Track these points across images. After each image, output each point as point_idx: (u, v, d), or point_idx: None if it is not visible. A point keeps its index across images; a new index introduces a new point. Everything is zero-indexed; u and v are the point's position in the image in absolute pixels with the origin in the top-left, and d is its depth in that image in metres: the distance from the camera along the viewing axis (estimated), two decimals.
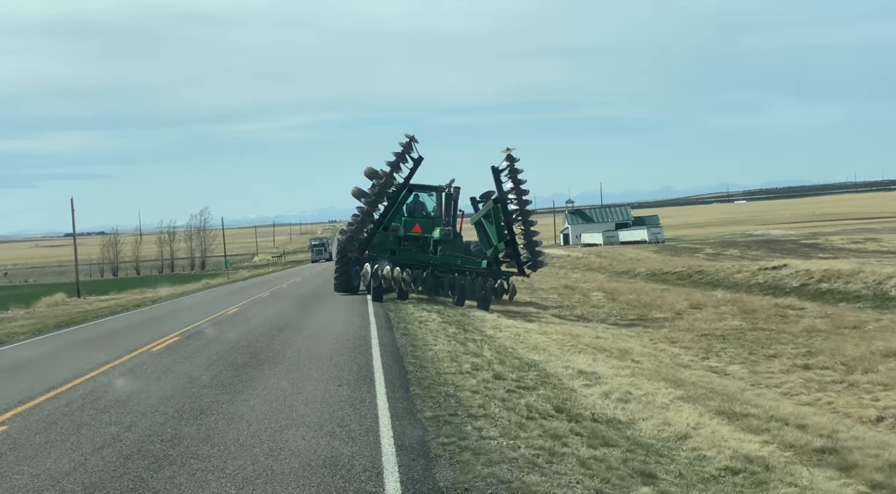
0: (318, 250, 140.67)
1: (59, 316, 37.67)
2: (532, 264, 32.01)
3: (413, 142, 31.23)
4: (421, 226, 32.86)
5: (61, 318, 35.37)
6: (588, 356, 18.45)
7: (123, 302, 50.98)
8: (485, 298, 29.20)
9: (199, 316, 27.99)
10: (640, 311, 32.57)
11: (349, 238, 31.66)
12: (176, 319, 27.93)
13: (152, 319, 29.75)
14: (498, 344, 19.12)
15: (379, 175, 31.27)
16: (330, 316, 25.23)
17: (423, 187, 33.49)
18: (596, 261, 74.34)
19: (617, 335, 24.99)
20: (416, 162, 31.39)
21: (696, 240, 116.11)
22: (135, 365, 16.20)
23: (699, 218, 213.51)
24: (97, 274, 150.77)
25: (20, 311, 49.42)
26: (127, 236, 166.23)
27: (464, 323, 23.15)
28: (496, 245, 31.12)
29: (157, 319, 29.55)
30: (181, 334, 21.74)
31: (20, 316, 45.19)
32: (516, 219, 31.40)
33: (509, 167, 30.96)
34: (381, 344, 17.79)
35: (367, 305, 29.08)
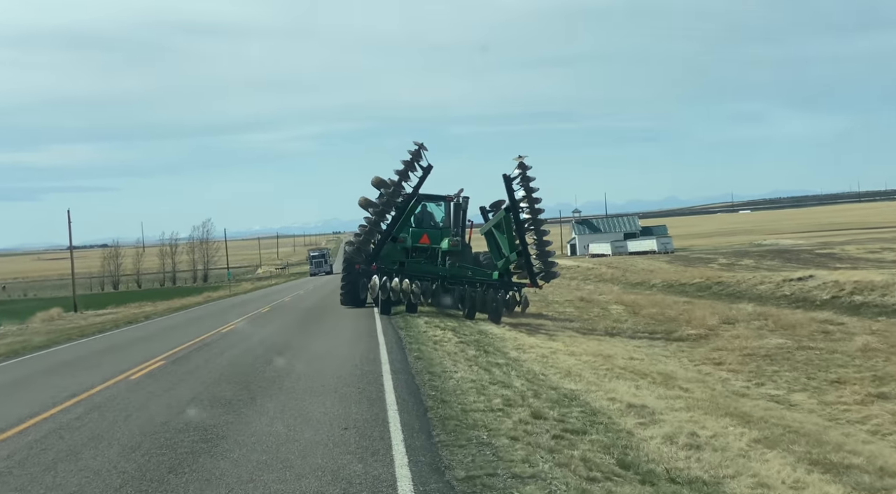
0: (317, 262, 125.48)
1: (49, 333, 35.40)
2: (545, 275, 30.44)
3: (422, 149, 29.57)
4: (429, 236, 31.42)
5: (50, 335, 33.12)
6: (629, 383, 16.01)
7: (119, 317, 48.76)
8: (496, 311, 27.91)
9: (191, 335, 25.58)
10: (667, 326, 30.10)
11: (356, 249, 30.15)
12: (166, 339, 25.53)
13: (141, 339, 27.35)
14: (525, 368, 16.69)
15: (387, 184, 29.64)
16: (334, 335, 22.79)
17: (432, 197, 32.02)
18: (608, 272, 71.87)
19: (651, 355, 22.55)
20: (426, 170, 29.74)
21: (706, 249, 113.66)
22: (105, 399, 13.78)
23: (705, 228, 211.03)
24: (98, 288, 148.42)
25: (12, 327, 47.32)
26: (128, 249, 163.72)
27: (483, 343, 20.71)
28: (507, 255, 29.61)
29: (146, 339, 27.15)
30: (167, 357, 19.32)
31: (10, 332, 42.97)
32: (528, 229, 29.92)
33: (521, 174, 29.38)
34: (394, 371, 15.36)
35: (375, 321, 26.73)
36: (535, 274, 29.78)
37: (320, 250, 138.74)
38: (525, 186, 29.34)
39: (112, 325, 35.69)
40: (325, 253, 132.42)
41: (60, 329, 40.69)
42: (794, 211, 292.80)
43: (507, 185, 29.32)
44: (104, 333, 31.48)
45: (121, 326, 35.00)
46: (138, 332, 30.67)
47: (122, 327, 34.80)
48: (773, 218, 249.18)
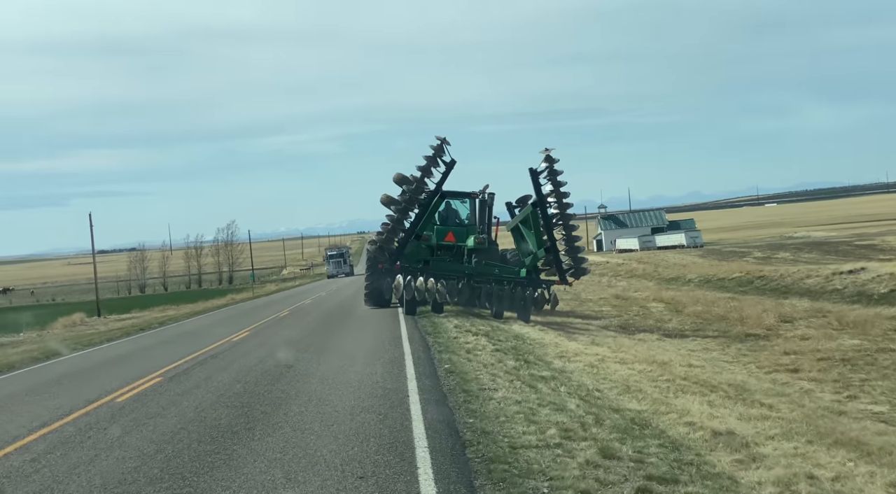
0: (335, 262, 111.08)
1: (65, 340, 33.40)
2: (575, 271, 29.07)
3: (444, 144, 28.07)
4: (454, 234, 30.18)
5: (65, 342, 31.07)
6: (697, 398, 13.42)
7: (138, 322, 46.95)
8: (525, 309, 26.74)
9: (201, 344, 23.20)
10: (718, 326, 27.40)
11: (379, 248, 28.81)
12: (173, 348, 23.17)
13: (149, 348, 25.01)
14: (575, 382, 14.12)
15: (409, 180, 28.17)
16: (354, 343, 20.29)
17: (456, 194, 30.56)
18: (639, 268, 68.91)
19: (710, 360, 19.88)
20: (449, 165, 28.25)
21: (737, 243, 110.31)
22: (76, 431, 11.35)
23: (732, 221, 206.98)
24: (125, 291, 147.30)
25: (32, 334, 45.63)
26: (154, 252, 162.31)
27: (522, 350, 18.15)
28: (535, 252, 27.95)
29: (153, 348, 24.81)
30: (167, 372, 16.91)
31: (27, 339, 41.06)
32: (557, 224, 28.45)
33: (548, 168, 27.88)
34: (422, 390, 12.83)
35: (400, 324, 24.28)
36: (565, 271, 28.48)
37: (339, 248, 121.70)
38: (552, 180, 27.98)
39: (125, 333, 33.46)
40: (343, 251, 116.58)
41: (75, 336, 38.77)
42: (821, 203, 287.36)
43: (533, 179, 28.01)
44: (113, 342, 29.23)
45: (132, 334, 32.73)
46: (149, 340, 28.38)
47: (135, 334, 32.57)
48: (801, 210, 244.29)
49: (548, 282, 27.87)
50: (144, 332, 33.47)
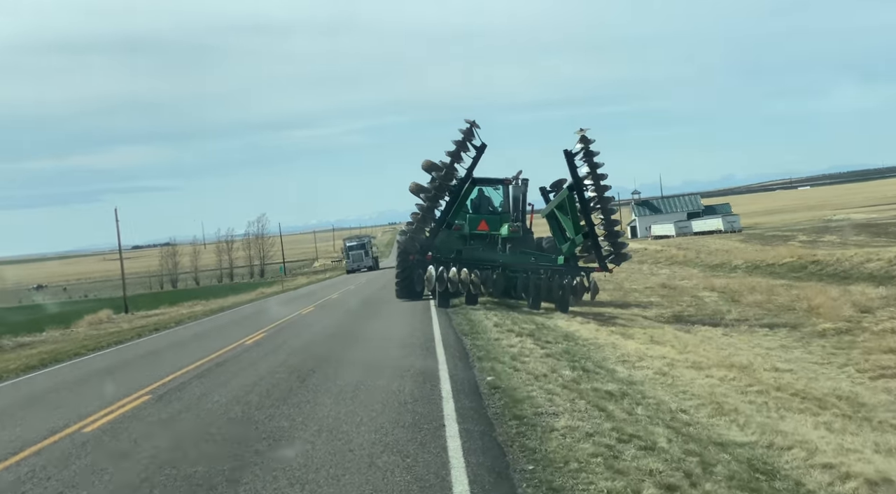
0: (355, 254, 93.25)
1: (84, 341, 31.50)
2: (615, 258, 27.09)
3: (474, 127, 26.29)
4: (487, 223, 28.87)
5: (84, 343, 29.18)
6: (809, 419, 10.53)
7: (163, 319, 44.91)
8: (563, 299, 25.39)
9: (211, 348, 20.49)
10: (786, 318, 24.29)
11: (409, 238, 27.20)
12: (179, 354, 20.50)
13: (152, 353, 22.32)
14: (652, 399, 11.22)
15: (438, 167, 26.52)
16: (379, 348, 17.46)
17: (488, 181, 29.13)
18: (679, 254, 65.56)
19: (794, 361, 16.81)
20: (479, 150, 26.58)
21: (776, 226, 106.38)
22: (24, 475, 8.65)
23: (767, 205, 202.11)
24: (157, 287, 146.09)
25: (56, 333, 43.72)
26: (186, 247, 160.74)
27: (576, 354, 15.24)
28: (573, 238, 26.34)
29: (158, 353, 22.10)
30: (157, 389, 14.17)
31: (50, 339, 39.02)
32: (595, 208, 26.50)
33: (584, 149, 25.83)
34: (461, 416, 9.97)
35: (432, 324, 21.48)
36: (605, 257, 26.64)
37: (360, 239, 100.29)
38: (589, 162, 25.96)
39: (137, 334, 30.98)
40: (365, 242, 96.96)
41: (95, 336, 36.71)
42: (855, 185, 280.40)
43: (568, 162, 26.07)
44: (123, 344, 26.75)
45: (144, 335, 30.19)
46: (159, 342, 25.80)
47: (147, 335, 30.05)
48: (836, 193, 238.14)
49: (587, 270, 26.35)
50: (159, 332, 30.94)
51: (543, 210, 29.41)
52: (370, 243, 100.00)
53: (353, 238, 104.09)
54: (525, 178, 29.70)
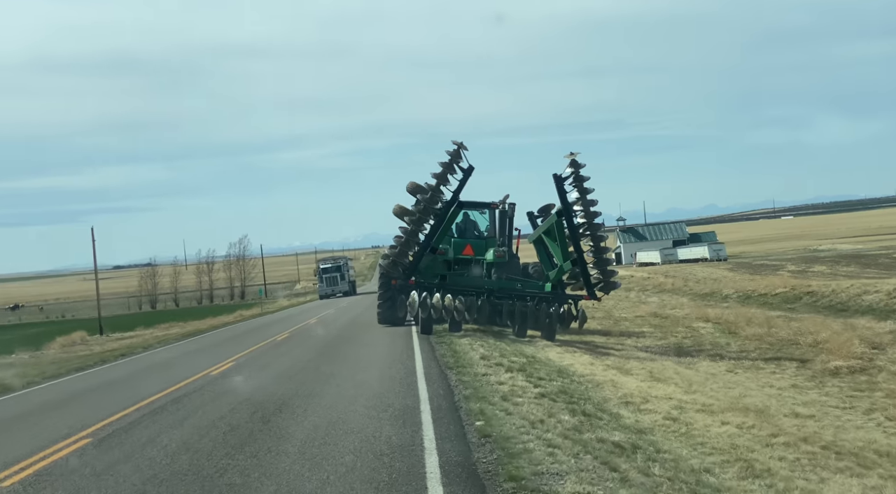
0: (329, 278, 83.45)
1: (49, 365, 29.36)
2: (604, 285, 26.00)
3: (462, 149, 25.07)
4: (473, 247, 27.70)
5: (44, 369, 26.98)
6: (855, 482, 8.94)
7: (137, 342, 43.10)
8: (550, 327, 24.50)
9: (171, 379, 18.75)
10: (789, 353, 22.77)
11: (392, 262, 26.04)
12: (135, 386, 18.76)
13: (109, 384, 20.48)
14: (669, 454, 9.63)
15: (424, 189, 25.50)
16: (355, 383, 15.78)
17: (475, 204, 27.90)
18: (667, 282, 64.18)
19: (815, 405, 15.23)
20: (466, 172, 25.36)
21: (763, 256, 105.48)
22: None
23: (751, 234, 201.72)
24: (136, 307, 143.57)
25: (25, 355, 41.73)
26: (166, 267, 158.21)
27: (573, 393, 13.63)
28: (561, 264, 25.50)
29: (115, 383, 20.29)
30: (101, 430, 12.46)
31: (18, 362, 37.05)
32: (584, 234, 25.44)
33: (574, 174, 24.86)
34: (446, 474, 8.34)
35: (414, 354, 19.87)
36: (593, 285, 25.58)
37: (335, 260, 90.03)
38: (578, 187, 24.90)
39: (102, 360, 29.21)
40: (341, 264, 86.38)
41: (63, 359, 34.80)
42: (838, 216, 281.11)
43: (558, 186, 24.94)
44: (85, 370, 25.02)
45: (109, 361, 28.40)
46: (121, 371, 24.05)
47: (113, 361, 28.28)
48: (819, 223, 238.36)
49: (574, 297, 25.55)
50: (126, 358, 29.14)
51: (531, 235, 28.31)
52: (347, 265, 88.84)
53: (328, 259, 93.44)
54: (512, 203, 28.79)
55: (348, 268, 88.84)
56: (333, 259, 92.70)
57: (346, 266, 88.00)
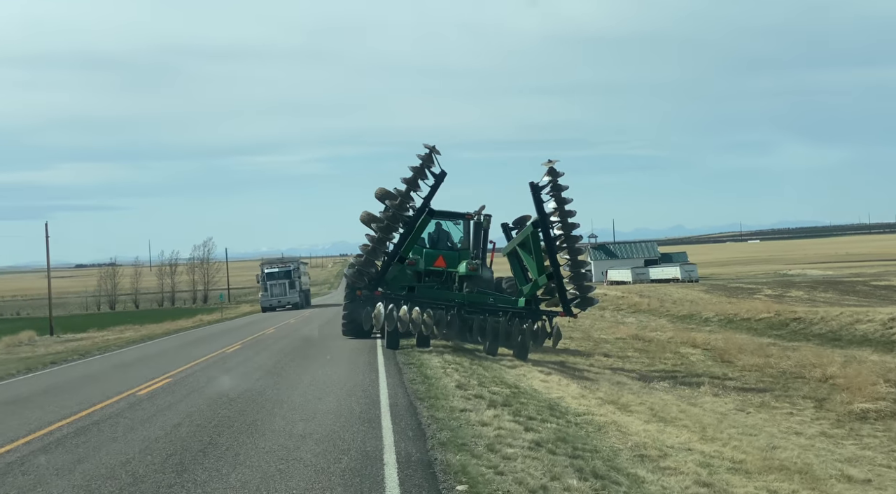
0: (276, 285, 68.78)
1: None
2: (581, 302, 24.46)
3: (434, 153, 23.45)
4: (445, 259, 26.00)
5: None
6: None
7: (84, 345, 40.69)
8: (523, 345, 22.94)
9: (95, 396, 15.85)
10: (798, 390, 20.22)
11: (357, 272, 24.41)
12: (53, 400, 15.81)
13: (30, 397, 17.46)
14: None
15: (393, 195, 23.89)
16: (306, 411, 12.92)
17: (448, 214, 26.33)
18: (642, 302, 61.81)
19: (857, 462, 12.64)
20: (438, 178, 23.81)
21: (732, 278, 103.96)
22: None
23: (718, 256, 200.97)
24: (94, 307, 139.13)
25: None
26: (127, 268, 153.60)
27: (573, 441, 10.89)
28: (536, 279, 23.76)
29: (36, 396, 17.22)
30: None
31: None
32: (561, 247, 23.91)
33: (552, 183, 23.26)
34: None
35: (379, 376, 17.16)
36: (569, 301, 24.02)
37: (283, 264, 73.12)
38: (556, 197, 23.41)
39: (41, 363, 26.15)
40: (291, 268, 70.25)
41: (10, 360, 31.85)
42: (804, 241, 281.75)
43: (534, 195, 23.34)
44: (14, 378, 21.95)
45: (40, 368, 25.28)
46: (46, 381, 20.98)
47: (44, 369, 25.23)
48: (785, 248, 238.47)
49: (549, 314, 23.98)
50: (55, 366, 26.01)
51: (505, 247, 26.64)
52: (299, 271, 71.83)
53: (275, 262, 74.73)
54: (488, 214, 27.06)
55: (300, 274, 72.47)
56: (283, 262, 75.14)
57: (298, 271, 71.47)
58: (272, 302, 67.99)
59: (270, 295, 68.56)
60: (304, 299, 72.44)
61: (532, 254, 23.75)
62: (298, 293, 69.49)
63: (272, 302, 67.99)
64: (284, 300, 68.02)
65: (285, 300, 68.04)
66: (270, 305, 67.85)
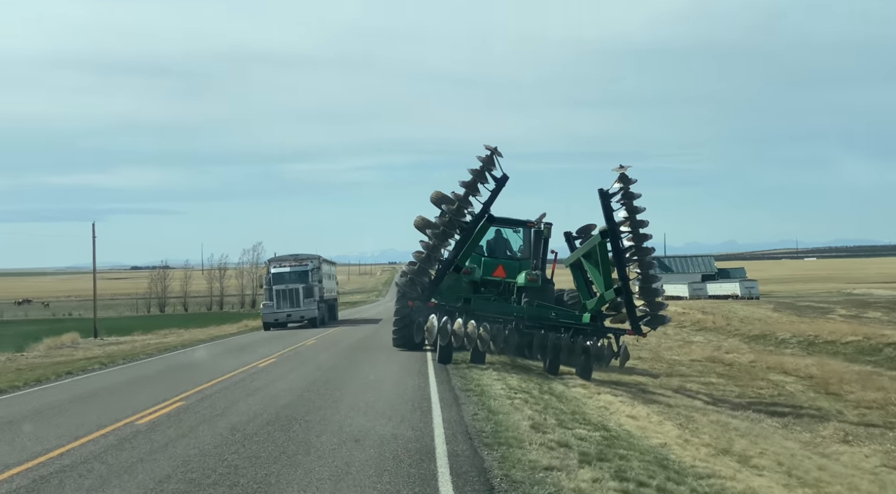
0: (285, 292, 48.98)
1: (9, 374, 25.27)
2: (651, 320, 22.35)
3: (495, 155, 21.59)
4: (505, 268, 24.73)
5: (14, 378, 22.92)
6: None
7: (123, 349, 37.89)
8: (586, 364, 21.50)
9: (108, 415, 12.93)
10: None
11: (409, 281, 22.74)
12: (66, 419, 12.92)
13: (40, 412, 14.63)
14: None
15: (450, 200, 22.16)
16: (333, 470, 9.73)
17: (508, 221, 24.89)
18: (707, 319, 57.81)
19: None
20: (500, 182, 22.03)
21: (793, 296, 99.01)
22: None
23: (775, 273, 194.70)
24: (144, 309, 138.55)
25: (2, 357, 36.89)
26: (178, 271, 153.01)
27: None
28: (602, 293, 22.06)
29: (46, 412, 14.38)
30: None
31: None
32: (630, 259, 21.96)
33: (623, 190, 21.24)
34: None
35: (431, 408, 13.96)
36: (639, 318, 22.10)
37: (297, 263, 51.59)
38: (628, 205, 21.44)
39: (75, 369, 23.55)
40: (308, 270, 50.91)
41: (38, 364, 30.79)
42: (863, 260, 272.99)
43: (603, 203, 21.42)
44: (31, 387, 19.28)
45: (67, 376, 22.63)
46: (67, 393, 18.20)
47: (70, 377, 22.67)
48: (845, 266, 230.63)
49: (616, 331, 22.32)
50: (72, 377, 23.30)
51: (567, 258, 24.88)
52: (320, 271, 51.97)
53: (287, 259, 51.83)
54: (549, 223, 25.16)
55: (322, 277, 52.23)
56: (297, 259, 51.54)
57: (319, 272, 51.35)
58: (278, 317, 48.25)
59: (276, 305, 48.45)
60: (327, 311, 53.98)
61: (598, 266, 22.02)
62: (317, 303, 49.75)
63: (278, 317, 48.25)
64: (297, 313, 48.45)
65: (298, 313, 48.47)
66: (276, 320, 48.30)
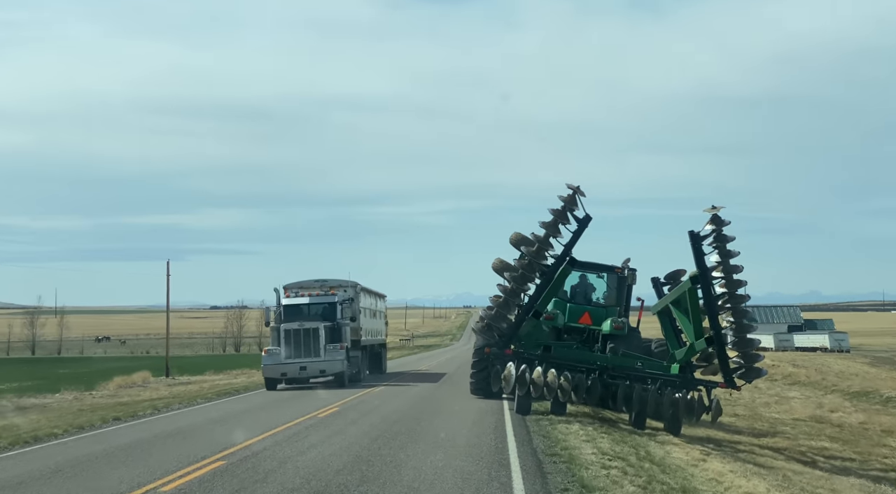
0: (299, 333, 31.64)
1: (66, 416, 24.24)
2: (745, 372, 21.50)
3: (578, 194, 20.73)
4: (591, 315, 23.67)
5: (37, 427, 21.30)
6: None
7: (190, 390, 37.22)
8: (675, 418, 20.57)
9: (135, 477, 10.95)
10: None
11: (487, 326, 22.08)
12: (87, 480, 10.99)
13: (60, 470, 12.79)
14: None
15: (530, 241, 21.30)
16: None
17: (591, 266, 24.37)
18: (799, 373, 54.12)
19: None
20: (582, 222, 21.09)
21: (886, 350, 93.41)
22: None
23: (863, 325, 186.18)
24: (219, 349, 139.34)
25: (70, 395, 36.27)
26: (254, 311, 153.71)
27: None
28: (692, 342, 21.23)
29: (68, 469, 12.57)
30: None
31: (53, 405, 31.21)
32: (723, 307, 21.08)
33: (715, 232, 20.36)
34: None
35: (511, 467, 11.75)
36: (732, 370, 21.29)
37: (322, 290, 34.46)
38: (720, 249, 20.57)
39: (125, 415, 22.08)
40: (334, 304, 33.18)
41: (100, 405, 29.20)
42: None
43: (694, 246, 20.49)
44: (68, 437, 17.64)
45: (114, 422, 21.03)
46: (103, 445, 16.48)
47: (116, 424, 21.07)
48: None
49: (707, 384, 21.41)
50: (120, 423, 21.69)
51: (655, 306, 24.12)
52: (353, 305, 35.02)
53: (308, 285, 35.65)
54: (633, 268, 24.63)
55: (356, 312, 35.79)
56: (323, 285, 35.77)
57: (351, 306, 34.84)
58: (287, 370, 32.39)
59: (284, 353, 32.27)
60: (366, 362, 38.60)
61: (689, 314, 21.08)
62: (347, 351, 33.15)
63: (287, 370, 32.39)
64: (314, 366, 32.42)
65: (316, 366, 32.44)
66: (284, 375, 32.58)
